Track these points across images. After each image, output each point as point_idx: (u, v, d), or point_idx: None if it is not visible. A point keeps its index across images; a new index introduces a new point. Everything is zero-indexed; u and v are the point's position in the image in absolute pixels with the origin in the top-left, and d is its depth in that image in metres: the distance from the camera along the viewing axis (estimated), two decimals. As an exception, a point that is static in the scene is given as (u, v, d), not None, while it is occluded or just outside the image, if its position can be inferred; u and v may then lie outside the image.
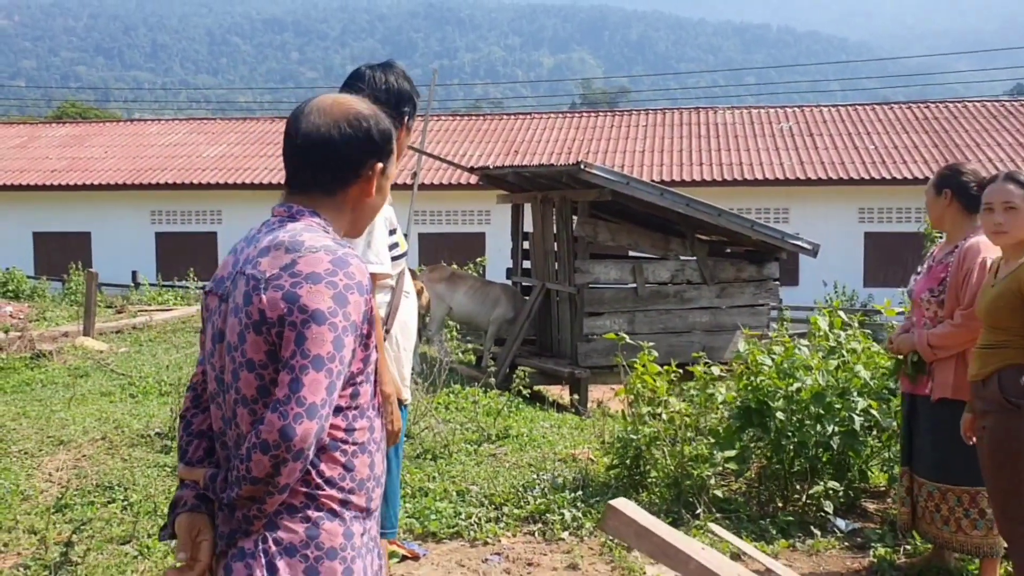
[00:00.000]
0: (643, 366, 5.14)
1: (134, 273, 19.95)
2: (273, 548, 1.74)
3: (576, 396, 9.01)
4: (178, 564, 1.82)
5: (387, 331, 2.91)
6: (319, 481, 1.77)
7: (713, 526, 3.61)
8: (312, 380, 1.67)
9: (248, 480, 1.68)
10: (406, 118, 2.92)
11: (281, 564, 1.73)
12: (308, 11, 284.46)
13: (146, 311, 13.26)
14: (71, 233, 22.74)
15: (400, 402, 2.94)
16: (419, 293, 9.08)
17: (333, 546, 1.77)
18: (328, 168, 1.88)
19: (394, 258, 2.91)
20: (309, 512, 1.76)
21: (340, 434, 1.80)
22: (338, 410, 1.79)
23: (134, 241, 22.36)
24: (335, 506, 1.79)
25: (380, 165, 1.92)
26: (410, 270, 3.18)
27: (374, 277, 2.72)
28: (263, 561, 1.73)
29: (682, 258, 9.69)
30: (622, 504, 3.06)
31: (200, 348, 1.97)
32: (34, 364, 8.95)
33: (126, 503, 4.78)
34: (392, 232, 2.91)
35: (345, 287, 1.74)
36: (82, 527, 4.38)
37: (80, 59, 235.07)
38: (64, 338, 10.14)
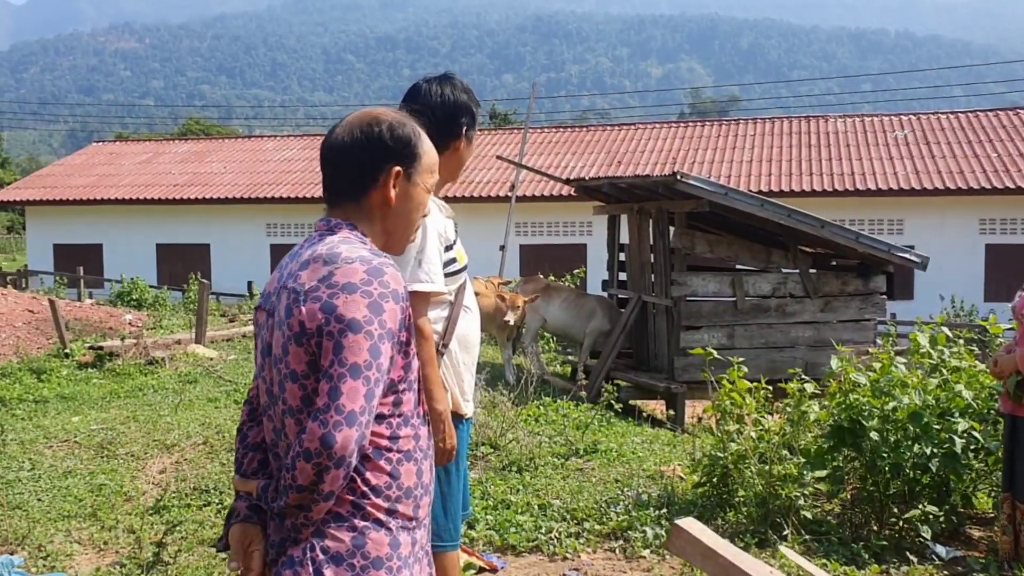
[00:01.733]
0: (731, 382, 5.00)
1: (249, 283, 20.72)
2: (320, 556, 1.77)
3: (672, 411, 8.86)
4: (231, 570, 1.87)
5: (444, 345, 2.89)
6: (365, 489, 1.80)
7: (784, 549, 3.47)
8: (350, 388, 1.70)
9: (294, 488, 1.72)
10: (464, 129, 2.91)
11: (328, 572, 1.76)
12: (419, 28, 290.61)
13: (256, 320, 13.70)
14: (191, 245, 23.81)
15: (460, 417, 2.92)
16: (513, 305, 9.13)
17: (379, 555, 1.79)
18: (346, 174, 1.93)
19: (452, 273, 2.89)
20: (355, 521, 1.79)
21: (384, 442, 1.82)
22: (380, 418, 1.81)
23: (250, 253, 23.23)
24: (381, 515, 1.81)
25: (398, 169, 1.93)
26: (486, 280, 3.17)
27: (427, 296, 2.72)
28: (311, 569, 1.76)
29: (784, 271, 9.42)
30: (688, 524, 2.98)
31: (256, 363, 2.02)
32: (147, 370, 9.38)
33: (220, 506, 4.94)
34: (449, 248, 2.89)
35: (380, 295, 1.77)
36: (175, 528, 4.55)
37: (204, 78, 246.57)
38: (177, 345, 10.58)
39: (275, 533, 1.83)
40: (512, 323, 9.56)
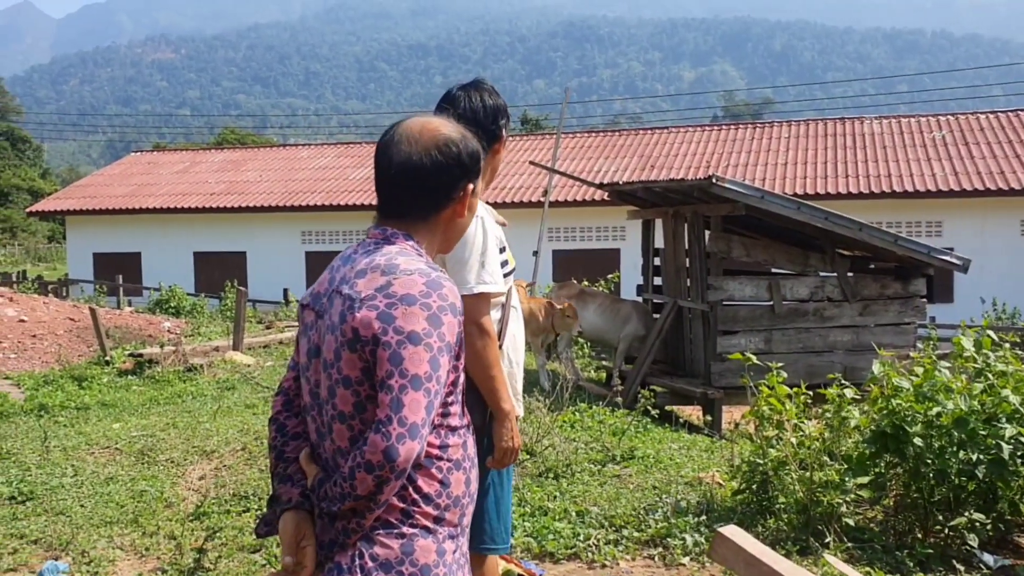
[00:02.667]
0: (770, 387, 4.95)
1: (285, 291, 20.92)
2: (369, 564, 1.78)
3: (709, 417, 8.78)
4: (284, 568, 1.86)
5: (500, 347, 2.92)
6: (416, 497, 1.81)
7: (828, 556, 3.41)
8: (412, 400, 1.71)
9: (351, 497, 1.74)
10: (503, 131, 2.95)
11: None
12: (451, 35, 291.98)
13: (293, 326, 13.84)
14: (228, 253, 24.08)
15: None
16: (573, 314, 9.18)
17: (427, 563, 1.80)
18: (422, 195, 1.93)
19: (505, 275, 2.95)
20: (404, 528, 1.80)
21: (435, 451, 1.83)
22: (431, 427, 1.82)
23: (286, 260, 23.45)
24: (429, 523, 1.82)
25: (471, 186, 1.96)
26: (525, 284, 3.19)
27: (490, 296, 2.76)
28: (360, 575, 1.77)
29: (822, 274, 9.31)
30: (731, 531, 2.94)
31: (295, 353, 2.03)
32: (186, 377, 9.49)
33: (259, 512, 4.97)
34: (502, 250, 2.95)
35: (439, 308, 1.77)
36: (215, 535, 4.59)
37: (240, 88, 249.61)
38: (215, 352, 10.70)
39: (323, 533, 1.83)
40: (575, 332, 9.68)
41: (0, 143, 57.74)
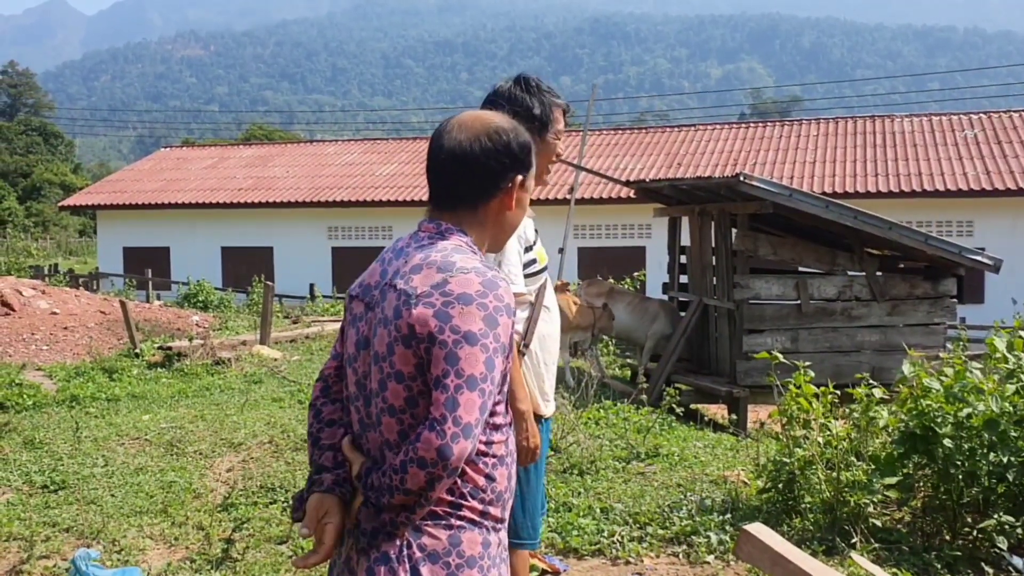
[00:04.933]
0: (798, 386, 4.92)
1: (311, 286, 21.04)
2: (417, 554, 1.80)
3: (734, 416, 8.75)
4: (301, 538, 1.89)
5: (526, 346, 2.90)
6: (464, 491, 1.83)
7: (855, 556, 3.39)
8: (467, 400, 1.72)
9: (402, 491, 1.75)
10: (554, 124, 2.91)
11: (424, 569, 1.79)
12: (477, 32, 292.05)
13: (319, 321, 13.93)
14: (255, 248, 24.26)
15: (540, 417, 2.92)
16: (590, 311, 9.19)
17: (473, 554, 1.83)
18: (471, 182, 1.92)
19: (533, 273, 2.90)
20: (452, 520, 1.82)
21: (482, 447, 1.85)
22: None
23: (312, 255, 23.59)
24: (476, 516, 1.85)
25: (520, 178, 1.95)
26: (557, 283, 3.15)
27: None
28: (407, 566, 1.79)
29: (850, 273, 9.24)
30: (757, 529, 2.93)
31: (338, 342, 2.04)
32: (214, 370, 9.58)
33: (286, 504, 5.01)
34: (529, 248, 2.90)
35: (495, 309, 1.78)
36: (243, 525, 4.64)
37: (267, 84, 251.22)
38: (242, 346, 10.79)
39: (367, 521, 1.84)
40: (611, 333, 9.77)
41: (33, 138, 58.56)
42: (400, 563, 1.79)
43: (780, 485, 4.87)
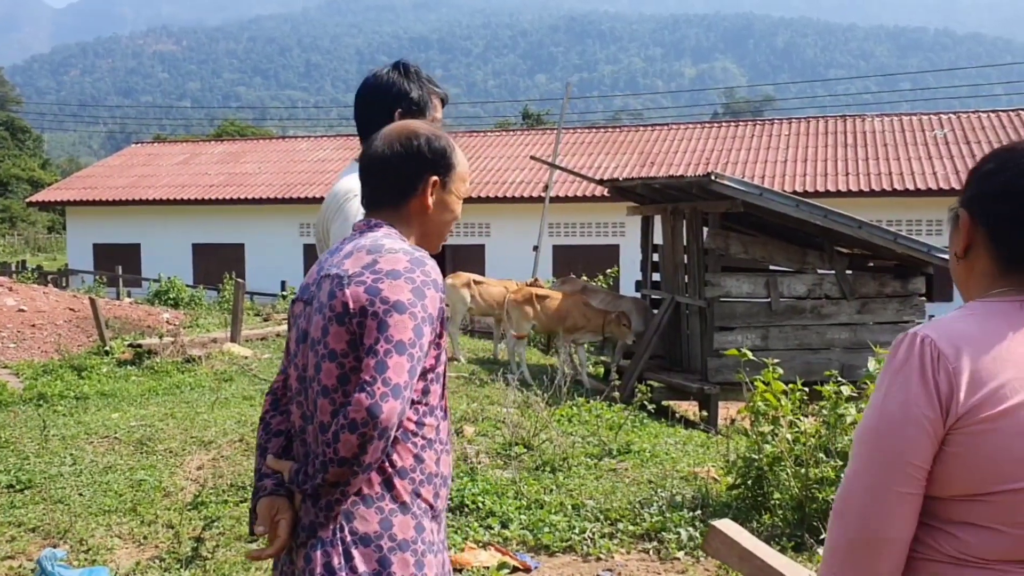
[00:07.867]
0: (766, 383, 4.97)
1: (283, 283, 20.91)
2: (349, 537, 1.84)
3: (705, 413, 8.81)
4: (257, 535, 1.98)
5: None
6: (391, 471, 1.87)
7: (822, 551, 3.43)
8: (396, 363, 1.78)
9: (336, 462, 1.78)
10: (439, 112, 2.88)
11: (356, 552, 1.83)
12: (452, 29, 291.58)
13: (290, 320, 13.82)
14: (226, 245, 24.06)
15: None
16: (596, 314, 9.21)
17: (405, 538, 1.87)
18: (388, 184, 2.04)
19: None
20: (383, 504, 1.86)
21: (411, 426, 1.91)
22: (410, 403, 1.88)
23: (284, 252, 23.43)
24: (407, 498, 1.88)
25: (435, 179, 2.04)
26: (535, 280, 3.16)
27: None
28: (340, 549, 1.84)
29: (820, 272, 9.34)
30: (725, 525, 2.96)
31: (284, 355, 2.10)
32: (185, 368, 9.50)
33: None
34: None
35: (422, 283, 1.86)
36: (213, 524, 4.61)
37: (240, 80, 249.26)
38: (213, 344, 10.71)
39: (305, 516, 1.90)
40: (629, 341, 9.87)
41: None
42: (334, 546, 1.83)
43: (749, 482, 4.92)
